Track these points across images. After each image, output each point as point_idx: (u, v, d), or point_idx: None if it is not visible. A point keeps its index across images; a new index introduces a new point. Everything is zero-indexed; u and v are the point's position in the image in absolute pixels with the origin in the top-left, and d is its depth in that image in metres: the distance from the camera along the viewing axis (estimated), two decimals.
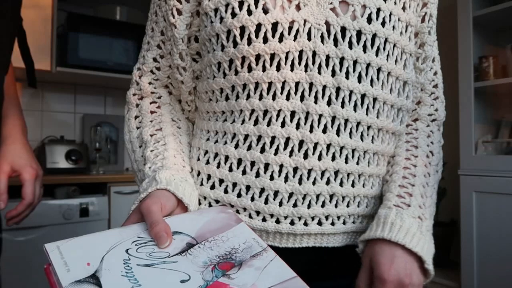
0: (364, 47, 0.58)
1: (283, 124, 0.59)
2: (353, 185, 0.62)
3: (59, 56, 2.21)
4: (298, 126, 0.59)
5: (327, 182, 0.60)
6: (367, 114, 0.61)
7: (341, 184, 0.61)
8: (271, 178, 0.60)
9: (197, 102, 0.71)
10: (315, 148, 0.59)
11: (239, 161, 0.62)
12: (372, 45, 0.59)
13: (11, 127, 0.91)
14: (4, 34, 0.85)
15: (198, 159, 0.66)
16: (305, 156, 0.59)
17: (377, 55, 0.59)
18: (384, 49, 0.60)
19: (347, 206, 0.63)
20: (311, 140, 0.58)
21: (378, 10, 0.59)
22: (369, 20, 0.59)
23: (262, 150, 0.60)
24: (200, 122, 0.70)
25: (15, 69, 1.05)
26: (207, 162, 0.65)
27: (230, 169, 0.62)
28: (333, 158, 0.60)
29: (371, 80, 0.60)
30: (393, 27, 0.61)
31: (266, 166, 0.60)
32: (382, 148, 0.65)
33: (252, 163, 0.61)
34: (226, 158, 0.63)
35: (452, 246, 2.43)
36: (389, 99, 0.62)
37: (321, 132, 0.59)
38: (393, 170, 0.67)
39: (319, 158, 0.59)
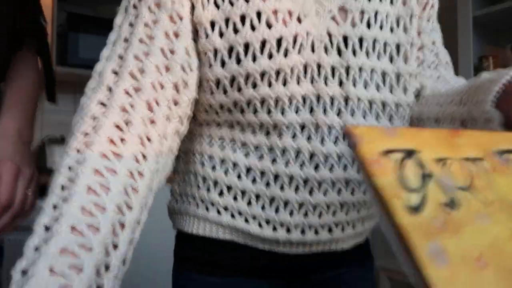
0: (367, 53, 0.58)
1: (293, 137, 0.57)
2: (364, 193, 0.61)
3: (59, 56, 2.21)
4: (309, 138, 0.57)
5: (338, 192, 0.59)
6: (377, 120, 0.60)
7: (352, 193, 0.60)
8: (282, 188, 0.59)
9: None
10: (326, 160, 0.57)
11: (248, 170, 0.60)
12: (374, 50, 0.58)
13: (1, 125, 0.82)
14: None
15: (203, 165, 0.63)
16: (316, 167, 0.58)
17: (378, 59, 0.58)
18: (384, 52, 0.59)
19: (358, 212, 0.62)
20: (322, 152, 0.57)
21: (376, 13, 0.58)
22: (368, 25, 0.58)
23: (273, 161, 0.58)
24: (198, 128, 0.65)
25: None
26: (213, 168, 0.62)
27: (239, 177, 0.60)
28: (345, 168, 0.59)
29: (377, 86, 0.59)
30: (391, 28, 0.60)
31: (276, 177, 0.59)
32: None
33: (262, 173, 0.59)
34: (234, 165, 0.61)
35: None
36: (402, 99, 0.61)
37: (332, 143, 0.57)
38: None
39: (330, 170, 0.58)
